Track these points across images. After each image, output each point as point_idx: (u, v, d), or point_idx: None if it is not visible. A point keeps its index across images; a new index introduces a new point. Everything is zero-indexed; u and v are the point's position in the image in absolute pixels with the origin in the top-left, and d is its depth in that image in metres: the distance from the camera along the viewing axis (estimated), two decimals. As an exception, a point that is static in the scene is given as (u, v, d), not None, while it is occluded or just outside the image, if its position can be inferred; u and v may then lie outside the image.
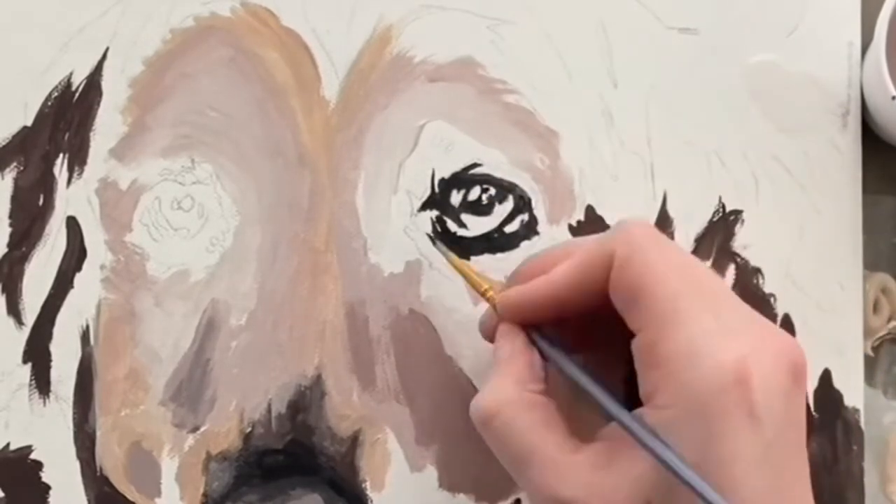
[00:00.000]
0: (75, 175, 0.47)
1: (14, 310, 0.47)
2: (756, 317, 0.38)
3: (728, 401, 0.34)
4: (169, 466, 0.45)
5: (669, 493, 0.35)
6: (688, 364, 0.35)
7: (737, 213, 0.47)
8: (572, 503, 0.36)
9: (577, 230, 0.46)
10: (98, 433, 0.46)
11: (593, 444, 0.38)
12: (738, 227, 0.47)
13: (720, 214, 0.47)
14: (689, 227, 0.47)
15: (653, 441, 0.35)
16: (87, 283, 0.47)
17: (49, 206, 0.47)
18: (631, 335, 0.37)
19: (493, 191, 0.46)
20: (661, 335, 0.36)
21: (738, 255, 0.47)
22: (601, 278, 0.38)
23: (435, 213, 0.46)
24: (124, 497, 0.45)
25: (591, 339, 0.40)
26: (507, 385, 0.39)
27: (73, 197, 0.47)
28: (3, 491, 0.46)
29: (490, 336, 0.42)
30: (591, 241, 0.40)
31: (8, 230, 0.47)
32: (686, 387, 0.35)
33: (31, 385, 0.46)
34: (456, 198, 0.46)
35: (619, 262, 0.37)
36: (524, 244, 0.46)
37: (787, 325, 0.46)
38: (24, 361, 0.46)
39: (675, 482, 0.34)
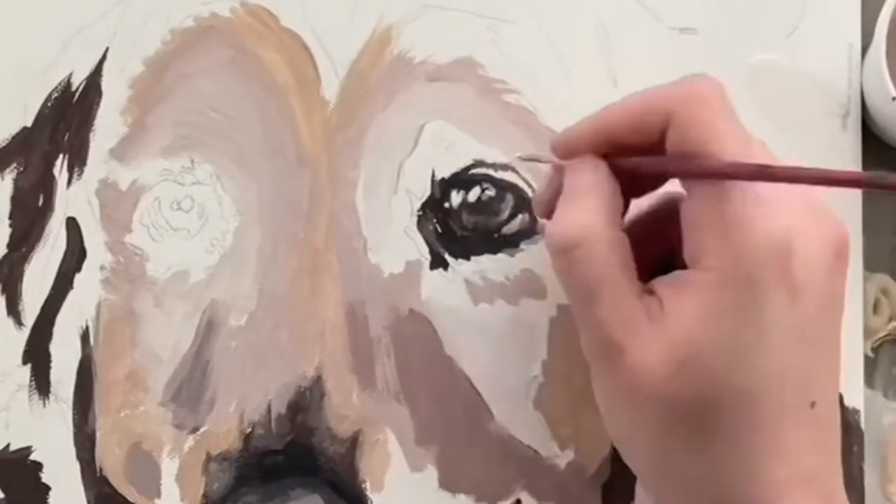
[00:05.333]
0: (75, 176, 0.47)
1: (14, 310, 0.47)
2: (803, 191, 0.37)
3: (771, 270, 0.34)
4: (169, 467, 0.45)
5: (700, 355, 0.35)
6: (739, 229, 0.35)
7: (737, 214, 0.47)
8: (620, 347, 0.36)
9: (577, 230, 0.46)
10: (98, 434, 0.46)
11: (651, 295, 0.37)
12: (738, 228, 0.47)
13: (720, 214, 0.47)
14: (689, 227, 0.47)
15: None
16: (86, 283, 0.47)
17: (49, 206, 0.47)
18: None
19: (493, 191, 0.46)
20: (714, 199, 0.36)
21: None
22: (656, 130, 0.37)
23: (435, 213, 0.46)
24: (124, 498, 0.45)
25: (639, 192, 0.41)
26: (595, 215, 0.37)
27: (72, 198, 0.47)
28: (3, 492, 0.46)
29: (547, 205, 0.41)
30: (651, 90, 0.39)
31: (8, 231, 0.47)
32: (733, 251, 0.35)
33: (30, 386, 0.46)
34: (456, 198, 0.46)
35: (678, 119, 0.37)
36: (524, 244, 0.46)
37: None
38: (24, 362, 0.46)
39: (704, 341, 0.35)
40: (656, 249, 0.40)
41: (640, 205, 0.41)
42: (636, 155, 0.38)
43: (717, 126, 0.36)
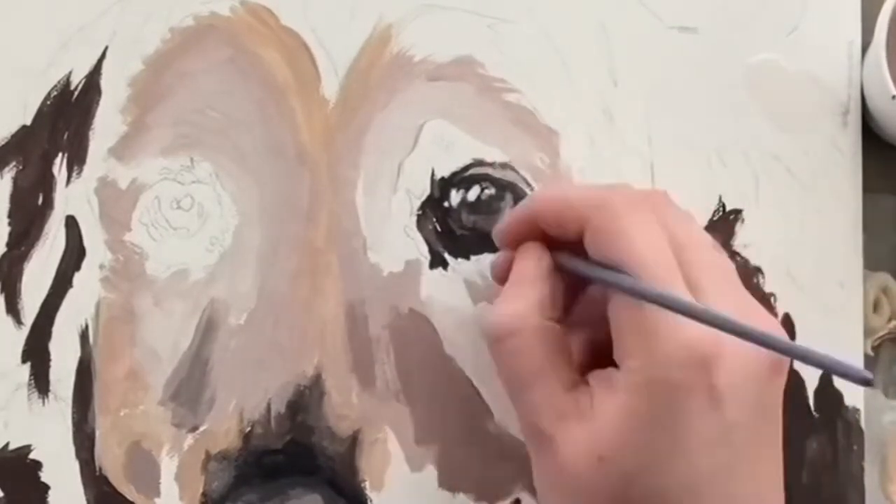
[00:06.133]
0: (74, 174, 0.47)
1: (13, 309, 0.47)
2: (746, 302, 0.38)
3: (691, 378, 0.35)
4: (168, 466, 0.45)
5: (618, 454, 0.35)
6: (661, 335, 0.35)
7: (737, 213, 0.47)
8: (548, 437, 0.37)
9: (577, 229, 0.46)
10: (97, 433, 0.46)
11: (583, 387, 0.38)
12: (738, 226, 0.47)
13: (720, 213, 0.47)
14: (689, 226, 0.47)
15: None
16: (86, 282, 0.46)
17: (48, 205, 0.47)
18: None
19: (492, 190, 0.46)
20: (633, 304, 0.36)
21: (739, 255, 0.47)
22: (572, 232, 0.38)
23: (435, 212, 0.46)
24: (123, 497, 0.45)
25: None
26: (529, 307, 0.38)
27: (72, 196, 0.47)
28: (3, 490, 0.46)
29: (502, 272, 0.42)
30: (574, 192, 0.40)
31: (7, 229, 0.47)
32: (655, 356, 0.35)
33: (30, 385, 0.46)
34: (456, 197, 0.46)
35: (592, 227, 0.37)
36: (524, 243, 0.46)
37: (787, 324, 0.46)
38: (24, 361, 0.46)
39: (622, 442, 0.35)
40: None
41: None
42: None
43: (628, 236, 0.37)
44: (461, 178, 0.46)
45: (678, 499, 0.35)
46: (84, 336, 0.46)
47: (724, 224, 0.47)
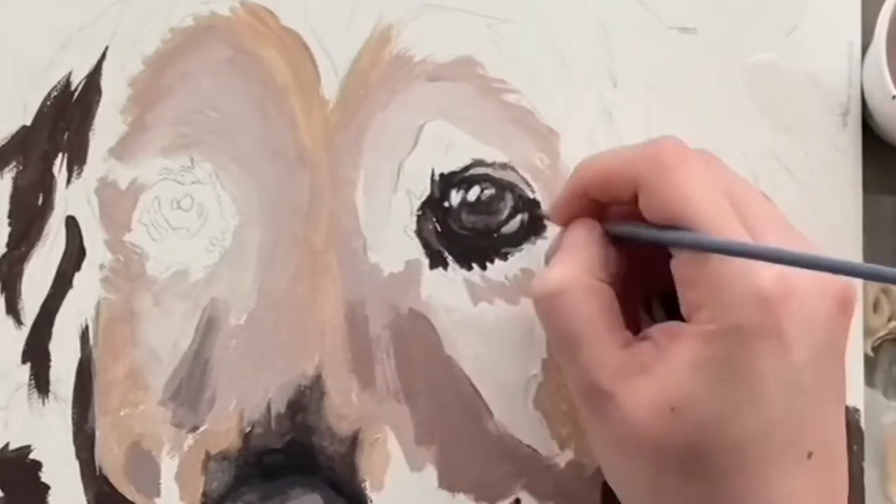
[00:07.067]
0: (74, 174, 0.47)
1: (13, 309, 0.47)
2: (805, 241, 0.38)
3: (760, 323, 0.35)
4: (168, 466, 0.45)
5: (691, 404, 0.35)
6: (725, 284, 0.35)
7: (737, 213, 0.47)
8: (607, 395, 0.37)
9: (576, 230, 0.46)
10: (97, 433, 0.46)
11: (641, 342, 0.38)
12: (738, 227, 0.47)
13: (720, 214, 0.47)
14: (689, 226, 0.47)
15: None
16: (86, 282, 0.46)
17: (48, 205, 0.47)
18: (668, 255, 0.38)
19: (492, 190, 0.46)
20: (698, 257, 0.36)
21: (738, 255, 0.47)
22: (625, 195, 0.38)
23: (435, 212, 0.46)
24: (123, 497, 0.45)
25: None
26: (578, 267, 0.39)
27: (72, 196, 0.47)
28: (3, 491, 0.46)
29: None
30: (618, 154, 0.40)
31: (7, 230, 0.47)
32: (723, 306, 0.35)
33: (30, 385, 0.46)
34: (456, 197, 0.46)
35: (646, 186, 0.37)
36: (524, 243, 0.46)
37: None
38: (24, 361, 0.46)
39: (695, 390, 0.35)
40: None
41: None
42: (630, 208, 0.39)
43: (684, 190, 0.37)
44: (461, 179, 0.46)
45: (751, 446, 0.35)
46: (84, 336, 0.46)
47: (723, 224, 0.47)
